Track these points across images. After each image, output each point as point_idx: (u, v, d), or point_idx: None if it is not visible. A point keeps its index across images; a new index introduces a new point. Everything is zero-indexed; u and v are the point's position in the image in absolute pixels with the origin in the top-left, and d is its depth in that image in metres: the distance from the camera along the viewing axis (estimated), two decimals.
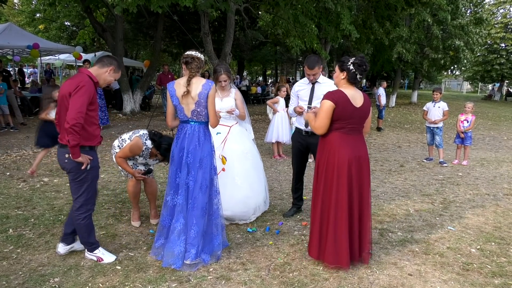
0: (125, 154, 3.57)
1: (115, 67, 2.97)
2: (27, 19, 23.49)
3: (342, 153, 2.91)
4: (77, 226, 3.02)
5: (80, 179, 2.89)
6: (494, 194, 5.25)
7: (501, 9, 30.05)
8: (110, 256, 3.13)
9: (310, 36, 11.05)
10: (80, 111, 2.65)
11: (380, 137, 10.67)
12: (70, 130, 2.62)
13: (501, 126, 14.19)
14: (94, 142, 2.92)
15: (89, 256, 3.12)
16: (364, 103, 2.98)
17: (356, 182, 2.95)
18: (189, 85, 3.01)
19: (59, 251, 3.19)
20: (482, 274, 3.03)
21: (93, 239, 3.10)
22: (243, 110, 4.12)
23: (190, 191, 3.08)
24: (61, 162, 2.92)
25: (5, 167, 6.11)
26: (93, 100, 2.81)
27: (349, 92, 2.93)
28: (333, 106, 2.87)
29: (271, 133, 7.29)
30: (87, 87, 2.71)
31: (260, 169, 4.21)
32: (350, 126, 2.95)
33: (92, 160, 2.90)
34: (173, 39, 21.34)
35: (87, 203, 2.97)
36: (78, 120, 2.63)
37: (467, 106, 7.02)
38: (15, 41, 12.26)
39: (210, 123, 3.13)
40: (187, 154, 3.07)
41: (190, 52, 3.12)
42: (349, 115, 2.91)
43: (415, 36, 16.15)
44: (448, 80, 49.02)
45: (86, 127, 2.80)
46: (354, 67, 2.89)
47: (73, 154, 2.73)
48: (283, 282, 2.86)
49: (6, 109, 9.24)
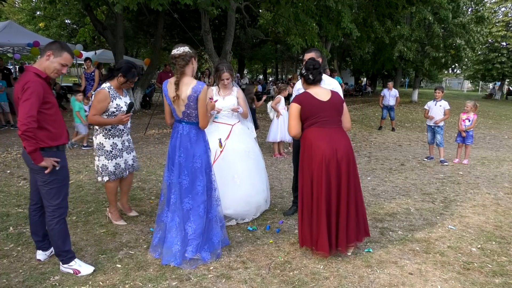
0: (96, 108, 3.47)
1: (53, 50, 2.64)
2: (28, 17, 23.49)
3: (318, 147, 3.05)
4: (51, 232, 2.81)
5: (50, 181, 2.70)
6: (495, 193, 5.24)
7: (502, 8, 29.99)
8: (87, 268, 2.90)
9: (311, 34, 11.03)
10: (30, 115, 2.45)
11: (381, 135, 10.67)
12: (23, 136, 2.45)
13: (501, 125, 14.17)
14: (60, 140, 2.75)
15: (65, 269, 2.88)
16: (332, 97, 3.20)
17: (334, 175, 3.02)
18: (177, 89, 2.99)
19: (39, 258, 3.05)
20: (483, 273, 3.03)
21: (68, 247, 2.87)
22: (245, 108, 4.11)
23: (184, 190, 3.09)
24: (28, 163, 2.73)
25: (6, 165, 6.11)
26: (46, 98, 2.59)
27: (313, 90, 3.23)
28: (298, 107, 3.17)
29: (274, 132, 7.27)
30: (33, 88, 2.50)
31: (262, 168, 4.21)
32: (322, 119, 3.12)
33: (60, 160, 2.73)
34: (173, 37, 21.32)
35: (60, 206, 2.78)
36: (29, 125, 2.44)
37: (467, 105, 7.00)
38: (15, 39, 12.26)
39: (199, 124, 3.11)
40: (179, 154, 3.09)
41: (174, 51, 3.02)
42: (316, 109, 3.13)
43: (416, 34, 16.12)
44: (449, 79, 48.97)
45: (47, 127, 2.63)
46: (305, 71, 3.29)
47: (34, 160, 2.55)
48: (284, 281, 2.85)
49: (6, 106, 9.24)
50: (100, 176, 3.73)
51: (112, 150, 3.68)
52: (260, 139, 8.09)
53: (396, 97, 11.11)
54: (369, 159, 7.32)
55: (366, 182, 5.63)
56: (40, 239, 3.02)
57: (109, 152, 3.68)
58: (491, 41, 28.70)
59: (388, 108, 11.33)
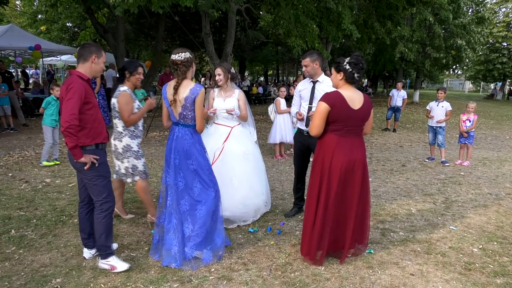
0: (127, 110, 3.55)
1: (96, 53, 2.87)
2: (29, 20, 23.58)
3: (337, 158, 2.91)
4: (97, 226, 2.96)
5: (92, 177, 2.88)
6: (496, 193, 5.23)
7: (503, 8, 29.97)
8: (123, 265, 3.01)
9: (311, 36, 11.04)
10: (72, 113, 2.64)
11: (382, 136, 10.66)
12: (66, 133, 2.64)
13: (503, 126, 14.14)
14: (98, 139, 2.90)
15: (102, 265, 3.02)
16: (363, 105, 2.94)
17: (345, 185, 2.96)
18: (175, 94, 3.04)
19: (84, 256, 3.18)
20: (484, 274, 3.02)
21: (110, 242, 3.02)
22: (245, 112, 4.06)
23: (180, 191, 3.12)
24: (72, 162, 2.94)
25: (7, 168, 6.13)
26: (88, 99, 2.78)
27: (347, 94, 2.88)
28: (328, 109, 2.86)
29: (274, 134, 7.29)
30: (76, 88, 2.70)
31: (261, 170, 4.18)
32: (346, 128, 2.93)
33: (99, 158, 2.89)
34: (174, 39, 21.37)
35: (107, 200, 2.94)
36: (72, 122, 2.63)
37: (469, 106, 6.98)
38: (17, 42, 12.31)
39: (196, 127, 3.14)
40: (175, 156, 3.11)
41: (175, 56, 3.05)
42: (345, 117, 2.88)
43: (417, 35, 16.13)
44: (450, 79, 48.94)
45: (88, 126, 2.81)
46: (351, 67, 2.86)
47: (74, 155, 2.73)
48: (285, 282, 2.86)
49: (8, 109, 9.27)
50: (130, 178, 3.77)
51: (139, 149, 3.78)
52: (261, 141, 8.09)
53: (404, 98, 11.12)
54: (370, 160, 7.31)
55: None
56: (86, 237, 3.15)
57: (137, 152, 3.76)
58: (492, 41, 28.68)
59: (394, 109, 11.34)
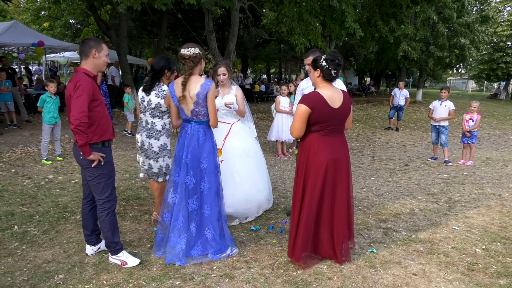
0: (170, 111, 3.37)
1: (95, 48, 2.83)
2: (32, 17, 23.61)
3: (320, 156, 2.91)
4: (101, 224, 2.99)
5: (97, 175, 2.88)
6: (499, 193, 5.21)
7: (507, 7, 29.77)
8: (134, 260, 3.04)
9: (314, 34, 11.02)
10: (82, 110, 2.65)
11: (385, 135, 10.63)
12: (76, 130, 2.65)
13: (506, 125, 14.08)
14: (105, 136, 2.90)
15: (113, 260, 3.04)
16: (343, 102, 2.93)
17: (330, 184, 2.95)
18: (184, 90, 3.00)
19: (87, 252, 3.19)
20: (488, 275, 3.01)
21: (117, 238, 3.04)
22: (243, 107, 4.05)
23: (189, 190, 3.10)
24: (77, 159, 2.94)
25: (10, 164, 6.15)
26: (95, 96, 2.78)
27: (327, 93, 2.87)
28: (308, 111, 2.84)
29: (271, 131, 7.40)
30: (84, 85, 2.70)
31: (263, 166, 4.19)
32: (329, 128, 2.92)
33: (106, 156, 2.89)
34: (177, 37, 21.38)
35: (109, 199, 2.95)
36: (82, 119, 2.64)
37: (472, 106, 6.94)
38: (20, 39, 12.30)
39: (210, 122, 3.13)
40: (186, 153, 3.09)
41: (184, 51, 3.04)
42: (327, 117, 2.87)
43: (421, 34, 16.07)
44: (453, 78, 48.75)
45: (96, 123, 2.81)
46: (327, 63, 2.85)
47: (83, 153, 2.75)
48: (287, 281, 2.85)
49: (11, 106, 9.28)
50: (161, 177, 3.70)
51: (170, 148, 3.70)
52: (262, 138, 8.09)
53: (406, 97, 11.08)
54: (373, 159, 7.30)
55: (370, 182, 5.61)
56: (88, 233, 3.16)
57: (169, 151, 3.69)
58: (496, 40, 28.53)
59: (397, 108, 11.29)
